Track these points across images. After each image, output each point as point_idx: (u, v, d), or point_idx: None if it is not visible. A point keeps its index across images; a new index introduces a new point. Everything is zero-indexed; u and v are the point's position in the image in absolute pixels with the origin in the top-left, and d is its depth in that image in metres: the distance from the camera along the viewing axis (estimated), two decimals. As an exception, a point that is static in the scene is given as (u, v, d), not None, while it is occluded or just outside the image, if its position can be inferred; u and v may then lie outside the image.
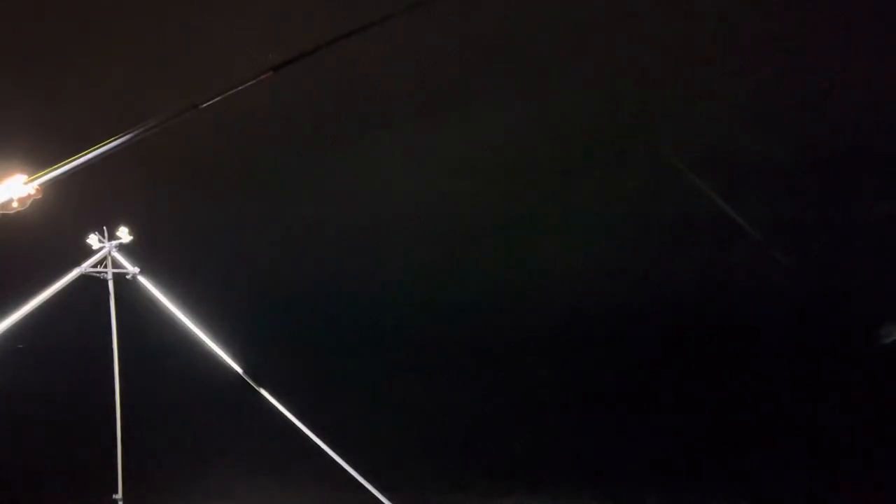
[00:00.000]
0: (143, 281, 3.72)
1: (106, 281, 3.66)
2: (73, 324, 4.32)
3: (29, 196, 3.15)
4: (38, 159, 3.25)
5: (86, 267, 3.63)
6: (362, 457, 3.91)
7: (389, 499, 3.84)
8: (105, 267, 3.66)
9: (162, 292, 3.77)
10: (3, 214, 3.16)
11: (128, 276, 3.70)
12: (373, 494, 3.83)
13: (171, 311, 3.78)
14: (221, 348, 3.81)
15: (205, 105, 3.27)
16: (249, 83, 3.33)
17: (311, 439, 3.80)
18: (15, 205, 3.16)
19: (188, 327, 3.80)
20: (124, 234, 3.66)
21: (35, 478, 4.48)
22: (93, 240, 3.68)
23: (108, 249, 3.66)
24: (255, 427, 4.28)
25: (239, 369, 3.80)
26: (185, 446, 4.66)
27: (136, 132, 3.24)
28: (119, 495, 3.75)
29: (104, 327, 3.70)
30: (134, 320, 3.80)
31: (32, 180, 3.16)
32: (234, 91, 3.32)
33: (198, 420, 4.78)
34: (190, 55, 5.03)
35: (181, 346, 3.88)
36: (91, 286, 3.65)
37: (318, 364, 5.13)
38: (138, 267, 3.70)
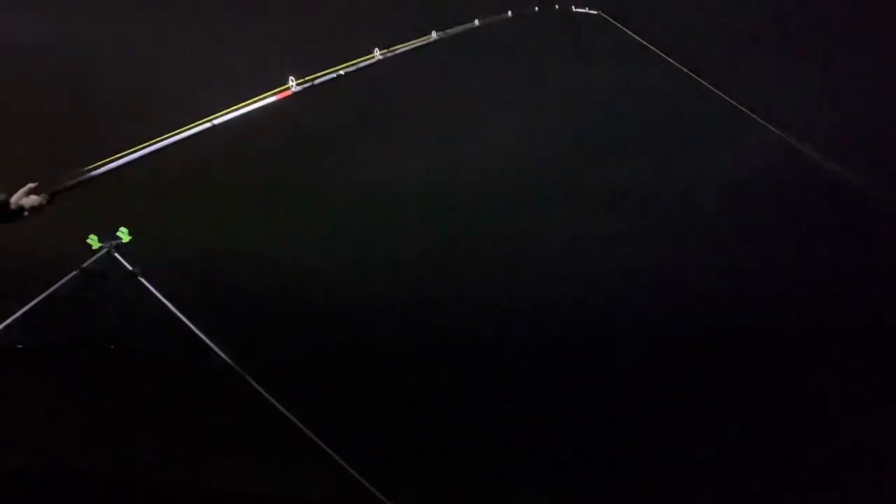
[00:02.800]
0: (143, 281, 3.73)
1: (106, 281, 3.66)
2: (73, 324, 4.32)
3: (41, 206, 3.16)
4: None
5: (86, 267, 3.63)
6: (362, 456, 3.91)
7: (390, 498, 3.85)
8: (105, 267, 3.66)
9: (162, 292, 3.77)
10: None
11: (128, 277, 3.70)
12: (373, 494, 3.83)
13: (170, 311, 3.78)
14: (220, 347, 3.81)
15: (220, 121, 3.29)
16: (268, 101, 3.36)
17: (311, 438, 3.80)
18: (25, 214, 3.18)
19: (187, 326, 3.80)
20: (124, 234, 3.67)
21: (35, 479, 4.48)
22: (93, 240, 3.68)
23: (108, 249, 3.66)
24: (255, 425, 4.28)
25: (238, 368, 3.80)
26: (185, 445, 4.66)
27: (152, 146, 3.26)
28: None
29: (104, 327, 3.70)
30: (134, 320, 3.80)
31: (44, 190, 3.18)
32: (251, 108, 3.34)
33: (198, 418, 4.78)
34: (207, 70, 5.10)
35: (180, 346, 3.87)
36: (91, 286, 3.65)
37: (319, 363, 5.13)
38: (138, 267, 3.71)
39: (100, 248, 3.67)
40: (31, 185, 3.18)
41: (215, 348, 3.81)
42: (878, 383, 4.65)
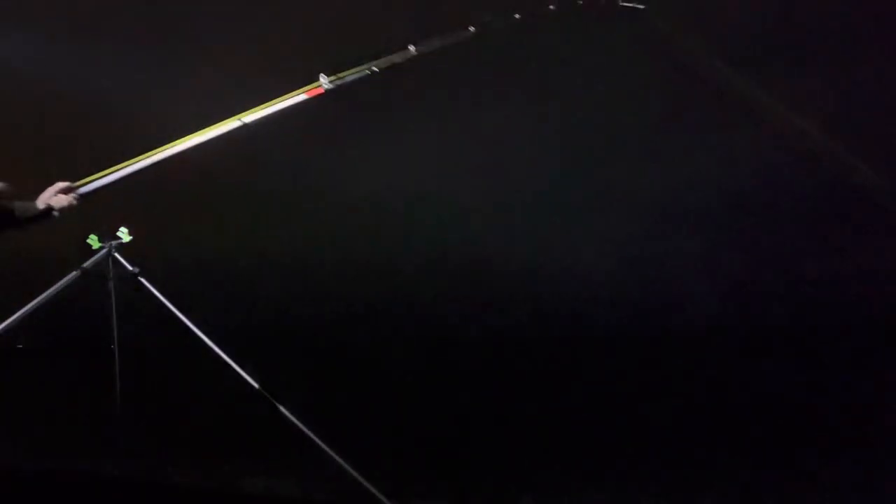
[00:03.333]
0: (144, 281, 3.73)
1: (106, 281, 3.66)
2: (73, 324, 4.32)
3: (71, 206, 3.14)
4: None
5: (86, 267, 3.63)
6: (362, 456, 3.92)
7: (390, 498, 3.85)
8: (105, 267, 3.66)
9: (162, 292, 3.77)
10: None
11: (128, 277, 3.70)
12: (372, 493, 3.83)
13: (171, 311, 3.78)
14: (221, 348, 3.82)
15: (251, 120, 3.28)
16: (299, 99, 3.32)
17: (311, 438, 3.81)
18: (56, 214, 3.16)
19: (188, 327, 3.80)
20: (124, 234, 3.67)
21: (35, 480, 4.48)
22: (93, 240, 3.68)
23: (108, 249, 3.66)
24: (255, 426, 4.28)
25: (238, 368, 3.80)
26: (185, 445, 4.67)
27: (182, 145, 3.27)
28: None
29: (104, 327, 3.70)
30: (134, 320, 3.80)
31: (73, 189, 3.17)
32: (283, 106, 3.32)
33: (198, 419, 4.78)
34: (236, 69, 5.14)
35: (181, 346, 3.88)
36: (91, 286, 3.65)
37: (319, 363, 5.14)
38: (138, 267, 3.71)
39: (100, 248, 3.67)
40: (60, 184, 3.16)
41: (215, 348, 3.81)
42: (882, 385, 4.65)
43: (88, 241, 3.68)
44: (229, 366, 3.80)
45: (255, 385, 3.79)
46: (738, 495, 4.22)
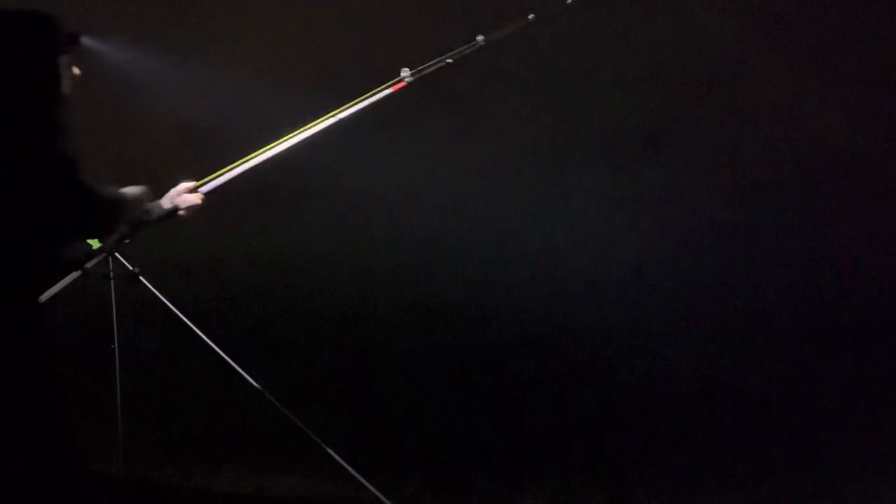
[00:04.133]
0: (144, 281, 3.72)
1: (106, 281, 3.65)
2: (73, 324, 4.31)
3: (196, 205, 3.18)
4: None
5: (86, 267, 3.62)
6: (362, 456, 3.91)
7: (389, 497, 3.85)
8: (105, 267, 3.65)
9: (162, 292, 3.76)
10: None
11: (128, 277, 3.69)
12: (372, 493, 3.83)
13: (170, 311, 3.77)
14: (221, 347, 3.81)
15: (346, 115, 3.42)
16: (385, 93, 3.47)
17: (311, 438, 3.80)
18: (182, 212, 3.19)
19: (188, 327, 3.79)
20: (125, 235, 3.65)
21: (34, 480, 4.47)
22: (93, 240, 3.66)
23: (109, 249, 3.65)
24: (256, 425, 4.28)
25: (238, 368, 3.80)
26: (185, 445, 4.67)
27: (288, 142, 3.38)
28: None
29: (104, 327, 3.69)
30: (134, 320, 3.79)
31: (197, 187, 3.21)
32: (373, 100, 3.46)
33: (198, 419, 4.79)
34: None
35: (182, 346, 3.87)
36: (91, 286, 3.64)
37: (319, 362, 5.14)
38: (138, 267, 3.69)
39: (100, 248, 3.66)
40: (186, 184, 3.21)
41: (215, 348, 3.80)
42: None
43: (89, 241, 3.67)
44: (229, 366, 3.79)
45: (256, 385, 3.78)
46: (737, 495, 4.22)
